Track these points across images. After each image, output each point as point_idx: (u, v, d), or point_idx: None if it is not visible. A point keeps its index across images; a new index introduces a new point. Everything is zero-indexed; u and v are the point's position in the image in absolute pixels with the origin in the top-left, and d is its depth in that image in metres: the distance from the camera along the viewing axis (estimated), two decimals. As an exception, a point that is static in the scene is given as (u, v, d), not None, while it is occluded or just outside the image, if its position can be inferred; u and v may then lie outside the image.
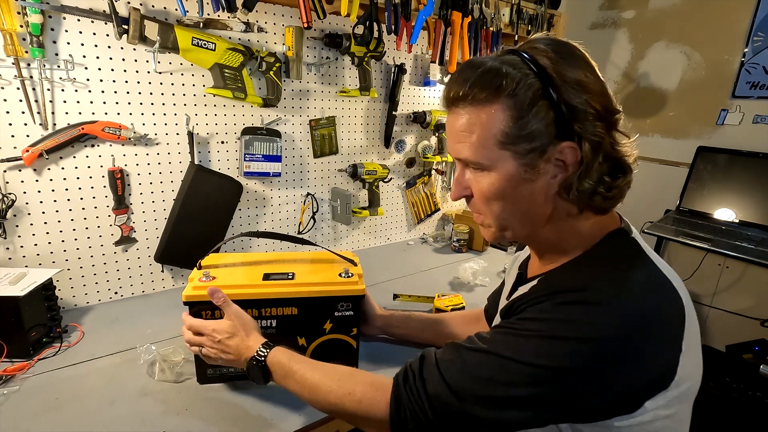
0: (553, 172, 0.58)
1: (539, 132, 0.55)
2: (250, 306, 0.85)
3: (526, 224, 0.63)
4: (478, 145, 0.58)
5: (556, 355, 0.51)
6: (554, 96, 0.54)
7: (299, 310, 0.88)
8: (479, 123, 0.58)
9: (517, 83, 0.55)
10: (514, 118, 0.56)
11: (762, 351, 1.78)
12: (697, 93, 2.03)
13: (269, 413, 0.83)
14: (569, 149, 0.56)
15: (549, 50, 0.56)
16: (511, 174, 0.58)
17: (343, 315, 0.90)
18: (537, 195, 0.59)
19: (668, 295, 0.56)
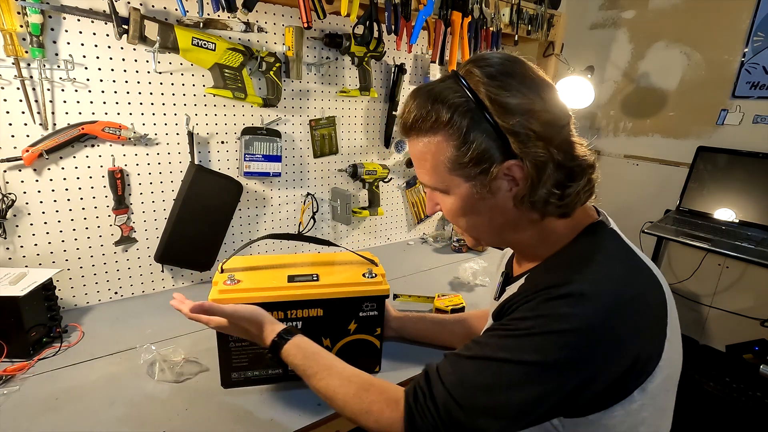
0: (506, 186, 0.61)
1: (482, 155, 0.58)
2: (276, 308, 0.85)
3: (494, 234, 0.67)
4: (432, 172, 0.63)
5: (548, 349, 0.53)
6: (490, 120, 0.57)
7: (324, 311, 0.88)
8: (429, 151, 0.62)
9: (453, 111, 0.58)
10: (456, 146, 0.59)
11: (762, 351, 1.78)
12: (697, 93, 2.03)
13: (269, 413, 0.83)
14: (515, 167, 0.58)
15: (483, 75, 0.58)
16: (466, 195, 0.63)
17: (368, 315, 0.91)
18: (495, 208, 0.63)
19: (649, 283, 0.59)
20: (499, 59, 0.61)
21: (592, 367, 0.52)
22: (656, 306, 0.57)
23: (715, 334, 2.04)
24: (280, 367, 0.89)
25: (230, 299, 0.82)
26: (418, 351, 1.04)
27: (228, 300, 0.82)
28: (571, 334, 0.52)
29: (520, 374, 0.54)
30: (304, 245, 1.57)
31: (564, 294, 0.54)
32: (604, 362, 0.53)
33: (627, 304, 0.54)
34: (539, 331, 0.53)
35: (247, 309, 0.77)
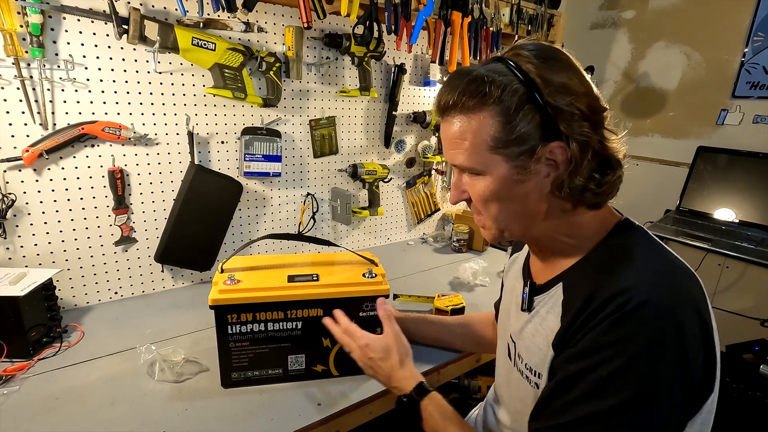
0: (545, 171, 0.59)
1: (527, 134, 0.57)
2: (276, 308, 0.86)
3: (523, 223, 0.65)
4: (471, 151, 0.61)
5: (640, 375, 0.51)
6: (539, 99, 0.56)
7: (325, 311, 0.88)
8: (470, 130, 0.60)
9: (502, 90, 0.57)
10: (503, 123, 0.58)
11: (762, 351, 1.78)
12: (697, 93, 2.03)
13: (269, 413, 0.83)
14: (559, 149, 0.58)
15: (532, 56, 0.58)
16: (504, 176, 0.60)
17: (368, 315, 0.91)
18: (531, 194, 0.61)
19: (690, 274, 0.58)
20: (540, 45, 0.61)
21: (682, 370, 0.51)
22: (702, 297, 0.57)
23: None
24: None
25: (230, 299, 0.82)
26: (418, 351, 1.03)
27: (228, 299, 0.82)
28: (650, 347, 0.50)
29: (628, 418, 0.51)
30: (304, 245, 1.57)
31: (628, 311, 0.52)
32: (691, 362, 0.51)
33: (684, 300, 0.53)
34: (621, 362, 0.51)
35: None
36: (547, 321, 0.64)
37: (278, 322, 0.87)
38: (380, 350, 0.80)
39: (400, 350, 0.81)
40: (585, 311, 0.56)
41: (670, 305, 0.52)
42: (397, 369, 0.79)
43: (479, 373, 1.46)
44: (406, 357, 0.82)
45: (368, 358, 0.80)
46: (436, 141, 1.78)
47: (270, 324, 0.87)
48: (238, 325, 0.85)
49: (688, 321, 0.52)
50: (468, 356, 1.06)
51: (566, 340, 0.58)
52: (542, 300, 0.67)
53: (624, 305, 0.52)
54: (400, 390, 0.77)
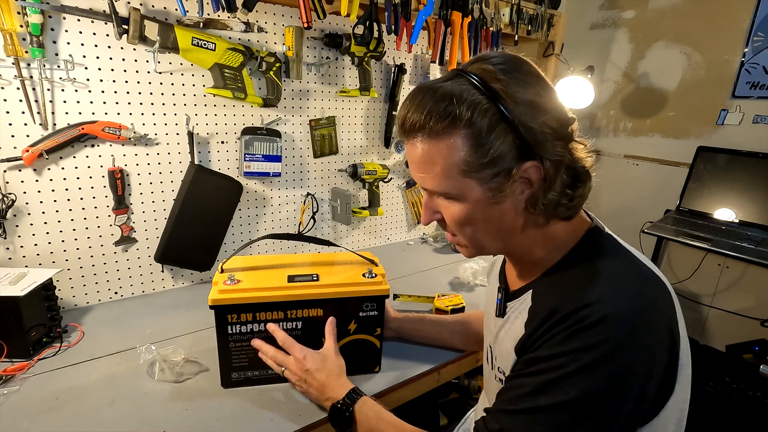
0: (519, 189, 0.59)
1: (501, 156, 0.56)
2: (276, 308, 0.86)
3: (499, 240, 0.65)
4: (442, 176, 0.59)
5: (589, 381, 0.51)
6: (511, 119, 0.54)
7: (324, 311, 0.88)
8: (440, 154, 0.58)
9: (472, 111, 0.55)
10: (474, 146, 0.56)
11: (762, 351, 1.78)
12: (697, 93, 2.03)
13: (269, 413, 0.83)
14: (533, 168, 0.57)
15: (498, 71, 0.56)
16: (479, 199, 0.59)
17: (368, 315, 0.91)
18: (506, 213, 0.61)
19: (657, 284, 0.58)
20: (505, 56, 0.59)
21: (635, 383, 0.52)
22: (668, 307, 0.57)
23: (715, 334, 2.04)
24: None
25: (230, 299, 0.82)
26: (418, 351, 1.04)
27: (227, 299, 0.82)
28: (604, 360, 0.51)
29: (569, 415, 0.52)
30: (304, 245, 1.57)
31: (587, 324, 0.52)
32: (645, 375, 0.52)
33: (646, 313, 0.53)
34: (574, 367, 0.52)
35: None
36: (515, 326, 0.65)
37: (278, 322, 0.87)
38: (318, 361, 0.82)
39: (336, 363, 0.84)
40: (548, 322, 0.56)
41: (630, 319, 0.52)
42: (332, 379, 0.81)
43: (479, 373, 1.46)
44: (342, 371, 0.84)
45: (305, 370, 0.81)
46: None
47: (270, 324, 0.87)
48: (238, 325, 0.85)
49: (647, 335, 0.53)
50: (468, 356, 1.06)
51: (527, 346, 0.60)
52: (513, 306, 0.69)
53: (585, 319, 0.52)
54: (334, 398, 0.78)
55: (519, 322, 0.64)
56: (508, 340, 0.66)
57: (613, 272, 0.58)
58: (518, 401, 0.56)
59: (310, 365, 0.82)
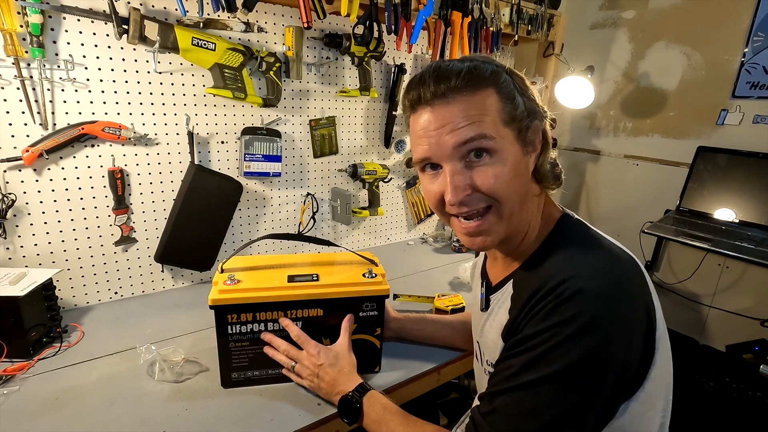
0: (531, 150, 0.65)
1: (524, 113, 0.63)
2: (276, 308, 0.86)
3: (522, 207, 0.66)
4: (489, 122, 0.61)
5: (570, 351, 0.54)
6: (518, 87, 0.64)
7: (324, 311, 0.89)
8: (480, 104, 0.61)
9: (498, 74, 0.63)
10: (507, 100, 0.62)
11: (762, 351, 1.78)
12: (697, 93, 2.03)
13: (269, 413, 0.83)
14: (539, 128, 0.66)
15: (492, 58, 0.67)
16: (517, 150, 0.63)
17: (368, 315, 0.91)
18: (526, 174, 0.66)
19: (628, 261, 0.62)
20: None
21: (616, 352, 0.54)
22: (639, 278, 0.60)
23: (715, 334, 2.04)
24: None
25: (230, 299, 0.82)
26: (418, 351, 1.04)
27: (227, 299, 0.82)
28: (584, 329, 0.53)
29: (556, 386, 0.54)
30: (304, 245, 1.57)
31: (565, 297, 0.55)
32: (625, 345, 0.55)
33: (620, 284, 0.57)
34: (556, 341, 0.54)
35: None
36: (499, 315, 0.69)
37: (278, 322, 0.87)
38: (331, 357, 0.84)
39: (349, 360, 0.86)
40: (529, 303, 0.60)
41: (606, 291, 0.55)
42: (343, 375, 0.83)
43: (479, 373, 1.46)
44: (353, 367, 0.86)
45: (318, 365, 0.83)
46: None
47: (270, 324, 0.87)
48: (238, 325, 0.85)
49: (624, 305, 0.56)
50: (468, 356, 1.06)
51: (513, 330, 0.63)
52: (496, 298, 0.72)
53: (562, 293, 0.56)
54: (344, 392, 0.80)
55: (503, 311, 0.68)
56: (493, 331, 0.69)
57: (586, 251, 0.62)
58: (507, 381, 0.59)
59: (324, 360, 0.83)
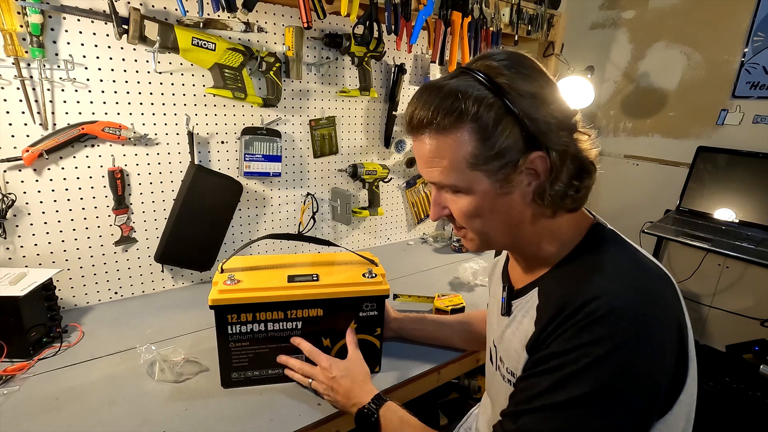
0: (526, 181, 0.60)
1: (508, 148, 0.57)
2: (276, 308, 0.86)
3: (507, 233, 0.65)
4: (450, 169, 0.60)
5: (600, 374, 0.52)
6: (516, 112, 0.56)
7: (324, 311, 0.89)
8: (447, 148, 0.59)
9: (478, 105, 0.56)
10: (481, 140, 0.57)
11: (762, 351, 1.78)
12: (697, 93, 2.03)
13: (269, 413, 0.83)
14: (539, 159, 0.58)
15: (503, 66, 0.58)
16: (487, 191, 0.60)
17: (368, 315, 0.91)
18: (514, 205, 0.61)
19: (661, 277, 0.59)
20: (508, 53, 0.61)
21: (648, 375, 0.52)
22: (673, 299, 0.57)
23: (715, 334, 2.04)
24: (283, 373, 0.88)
25: (230, 299, 0.82)
26: (418, 351, 1.04)
27: (228, 299, 0.82)
28: (616, 351, 0.51)
29: (585, 410, 0.52)
30: (304, 245, 1.57)
31: (597, 317, 0.52)
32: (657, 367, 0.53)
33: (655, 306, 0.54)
34: (586, 362, 0.52)
35: None
36: (523, 325, 0.65)
37: (278, 322, 0.87)
38: (343, 369, 0.85)
39: (362, 370, 0.86)
40: (557, 318, 0.56)
41: (639, 311, 0.53)
42: (357, 386, 0.83)
43: (479, 373, 1.46)
44: (367, 377, 0.86)
45: (331, 377, 0.84)
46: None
47: (270, 324, 0.87)
48: (238, 325, 0.85)
49: (657, 326, 0.53)
50: (468, 356, 1.06)
51: (538, 344, 0.59)
52: (519, 304, 0.68)
53: (593, 312, 0.53)
54: (360, 404, 0.80)
55: (527, 320, 0.64)
56: (516, 340, 0.66)
57: (619, 265, 0.58)
58: (533, 400, 0.56)
59: (336, 372, 0.84)
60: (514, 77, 0.57)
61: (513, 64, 0.59)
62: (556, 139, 0.57)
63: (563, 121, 0.58)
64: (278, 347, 0.89)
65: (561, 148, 0.58)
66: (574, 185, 0.60)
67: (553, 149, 0.57)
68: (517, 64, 0.59)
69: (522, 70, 0.58)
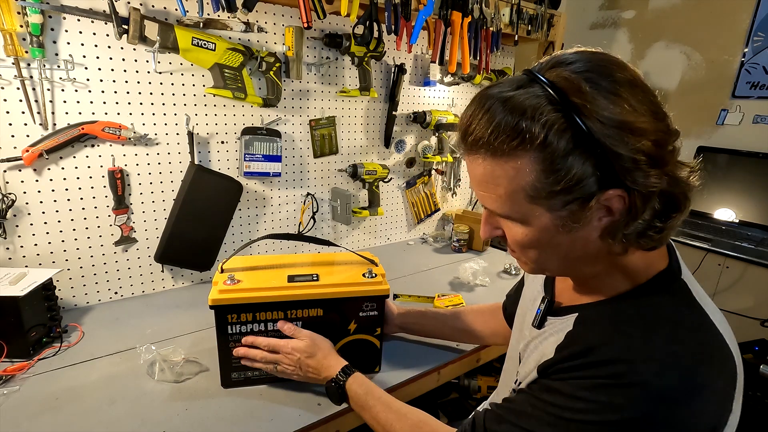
0: (597, 217, 0.50)
1: (578, 183, 0.47)
2: (276, 308, 0.86)
3: (566, 265, 0.58)
4: (506, 199, 0.52)
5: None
6: (593, 143, 0.46)
7: (324, 311, 0.89)
8: (505, 176, 0.50)
9: (547, 130, 0.46)
10: (546, 171, 0.48)
11: (762, 351, 1.78)
12: (697, 93, 2.03)
13: (269, 413, 0.83)
14: (616, 198, 0.48)
15: (581, 79, 0.47)
16: (547, 227, 0.52)
17: (368, 315, 0.92)
18: (577, 241, 0.53)
19: (721, 361, 0.50)
20: (592, 59, 0.49)
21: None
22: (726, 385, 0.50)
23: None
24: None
25: (230, 299, 0.82)
26: (418, 351, 1.04)
27: (228, 299, 0.82)
28: (626, 425, 0.47)
29: None
30: (304, 245, 1.57)
31: (623, 384, 0.47)
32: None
33: (690, 394, 0.47)
34: (593, 419, 0.48)
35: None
36: (547, 343, 0.61)
37: (278, 321, 0.87)
38: (304, 349, 0.84)
39: (322, 345, 0.86)
40: (579, 358, 0.52)
41: (673, 395, 0.46)
42: (323, 360, 0.83)
43: (479, 373, 1.46)
44: (330, 350, 0.86)
45: (296, 360, 0.84)
46: (436, 141, 1.78)
47: (270, 324, 0.87)
48: (238, 325, 0.85)
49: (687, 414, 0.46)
50: (468, 356, 1.06)
51: (549, 372, 0.56)
52: (553, 323, 0.63)
53: (621, 376, 0.47)
54: (330, 376, 0.82)
55: (552, 341, 0.59)
56: (536, 355, 0.62)
57: (673, 332, 0.50)
58: (525, 420, 0.55)
59: (299, 354, 0.84)
60: (596, 95, 0.46)
61: (596, 77, 0.47)
62: (642, 179, 0.47)
63: (656, 154, 0.47)
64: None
65: (649, 189, 0.48)
66: (655, 226, 0.50)
67: (636, 190, 0.47)
68: (602, 75, 0.47)
69: (607, 85, 0.47)
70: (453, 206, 2.04)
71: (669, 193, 0.50)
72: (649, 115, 0.48)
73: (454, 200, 2.04)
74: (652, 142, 0.47)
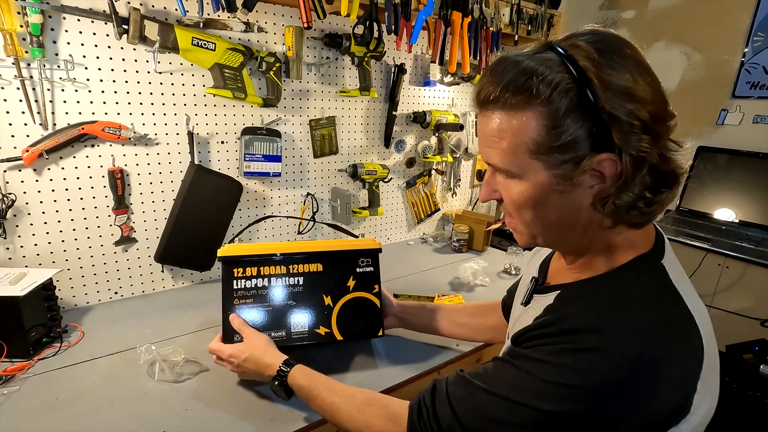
0: (588, 182, 0.53)
1: (574, 142, 0.51)
2: (278, 263, 0.92)
3: (557, 233, 0.60)
4: (508, 152, 0.55)
5: (565, 401, 0.50)
6: (594, 104, 0.49)
7: (324, 266, 0.95)
8: (510, 129, 0.54)
9: (552, 88, 0.50)
10: (548, 127, 0.51)
11: (762, 351, 1.78)
12: (697, 93, 2.03)
13: (269, 413, 0.83)
14: (608, 161, 0.51)
15: (591, 49, 0.51)
16: (542, 184, 0.55)
17: (365, 271, 0.98)
18: (569, 205, 0.56)
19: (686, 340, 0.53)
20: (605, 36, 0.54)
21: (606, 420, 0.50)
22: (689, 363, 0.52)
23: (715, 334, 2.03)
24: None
25: (237, 251, 0.91)
26: (418, 351, 1.04)
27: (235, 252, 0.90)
28: (588, 389, 0.49)
29: (533, 419, 0.52)
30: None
31: (588, 347, 0.50)
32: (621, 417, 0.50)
33: (650, 364, 0.50)
34: (558, 382, 0.50)
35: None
36: (527, 317, 0.64)
37: (281, 277, 0.92)
38: (239, 353, 0.85)
39: (257, 345, 0.86)
40: (549, 326, 0.55)
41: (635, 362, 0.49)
42: (260, 360, 0.83)
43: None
44: (268, 347, 0.86)
45: (236, 365, 0.85)
46: (436, 141, 1.78)
47: (273, 279, 0.91)
48: (243, 280, 0.90)
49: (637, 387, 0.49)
50: (468, 356, 1.06)
51: (522, 340, 0.59)
52: (537, 299, 0.67)
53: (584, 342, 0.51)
54: (272, 374, 0.81)
55: (532, 314, 0.63)
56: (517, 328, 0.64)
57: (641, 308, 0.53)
58: (491, 383, 0.57)
59: (235, 359, 0.84)
60: (602, 63, 0.50)
61: (606, 49, 0.51)
62: (635, 142, 0.50)
63: (650, 124, 0.50)
64: (282, 305, 0.92)
65: (639, 154, 0.50)
66: (645, 197, 0.53)
67: (628, 153, 0.50)
68: (611, 49, 0.51)
69: (615, 57, 0.51)
70: (453, 206, 2.04)
71: (659, 170, 0.53)
72: (649, 88, 0.51)
73: (454, 200, 2.04)
74: (649, 112, 0.50)
